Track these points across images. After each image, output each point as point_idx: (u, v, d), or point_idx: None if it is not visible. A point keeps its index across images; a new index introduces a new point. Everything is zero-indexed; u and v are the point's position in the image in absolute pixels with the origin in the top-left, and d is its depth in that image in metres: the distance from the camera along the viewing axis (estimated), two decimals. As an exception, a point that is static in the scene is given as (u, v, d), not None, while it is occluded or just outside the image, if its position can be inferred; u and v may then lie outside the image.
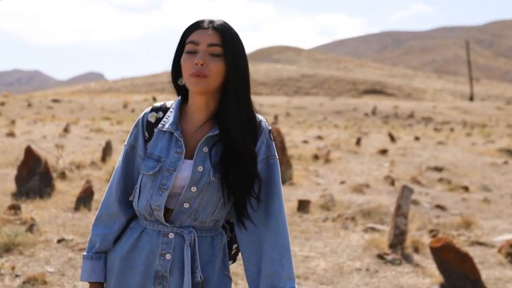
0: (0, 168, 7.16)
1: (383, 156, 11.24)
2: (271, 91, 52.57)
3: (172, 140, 1.61)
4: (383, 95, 52.45)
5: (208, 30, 1.57)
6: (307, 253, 4.96)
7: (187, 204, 1.59)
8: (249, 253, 1.62)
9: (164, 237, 1.60)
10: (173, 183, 1.58)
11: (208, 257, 1.62)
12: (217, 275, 1.64)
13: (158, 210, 1.58)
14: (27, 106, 23.29)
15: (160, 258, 1.59)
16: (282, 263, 1.59)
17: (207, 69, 1.55)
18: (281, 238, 1.60)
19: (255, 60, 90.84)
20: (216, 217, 1.63)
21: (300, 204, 6.28)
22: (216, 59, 1.56)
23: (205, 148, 1.60)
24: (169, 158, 1.59)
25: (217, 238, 1.65)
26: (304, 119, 27.97)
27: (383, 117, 30.69)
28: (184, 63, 1.58)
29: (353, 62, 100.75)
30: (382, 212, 6.56)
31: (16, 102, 25.12)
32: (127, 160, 1.69)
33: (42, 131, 11.69)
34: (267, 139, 1.64)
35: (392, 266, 4.78)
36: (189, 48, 1.57)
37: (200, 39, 1.56)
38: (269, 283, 1.58)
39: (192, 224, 1.61)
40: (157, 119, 1.66)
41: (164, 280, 1.59)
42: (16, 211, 5.28)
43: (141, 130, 1.67)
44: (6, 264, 4.13)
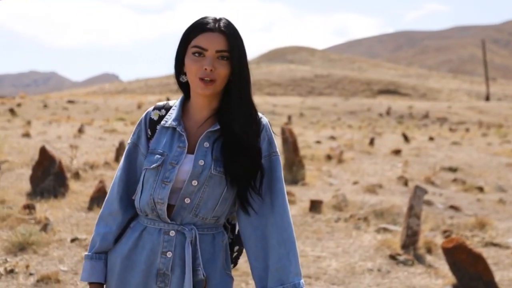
0: (16, 168, 7.25)
1: (397, 157, 11.17)
2: (285, 92, 52.51)
3: (175, 135, 1.64)
4: (397, 95, 52.09)
5: (215, 33, 1.59)
6: (319, 253, 4.95)
7: (188, 199, 1.60)
8: (255, 250, 1.63)
9: (165, 235, 1.61)
10: (176, 176, 1.59)
11: (209, 255, 1.63)
12: (219, 274, 1.64)
13: (161, 204, 1.60)
14: (43, 107, 23.52)
15: (162, 256, 1.60)
16: (289, 258, 1.60)
17: (215, 73, 1.58)
18: (287, 234, 1.62)
19: (269, 61, 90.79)
20: (217, 213, 1.64)
21: (312, 204, 6.27)
22: (223, 62, 1.59)
23: (206, 143, 1.62)
24: (172, 152, 1.62)
25: (218, 237, 1.66)
26: (317, 119, 27.89)
27: (397, 117, 30.48)
28: (191, 65, 1.59)
29: (367, 62, 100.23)
30: (395, 213, 6.52)
31: (32, 103, 25.39)
32: (129, 158, 1.71)
33: (57, 132, 11.82)
34: (269, 136, 1.67)
35: (404, 266, 4.76)
36: (196, 51, 1.59)
37: (208, 45, 1.58)
38: (278, 278, 1.59)
39: (193, 221, 1.62)
40: (159, 117, 1.69)
41: (166, 278, 1.60)
42: (30, 210, 5.34)
43: (144, 128, 1.70)
44: (21, 263, 4.18)
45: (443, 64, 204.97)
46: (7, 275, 4.00)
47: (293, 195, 6.82)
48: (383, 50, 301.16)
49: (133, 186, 1.70)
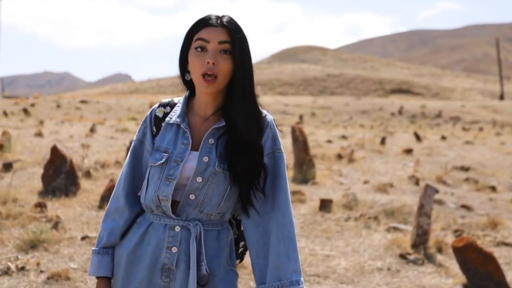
0: (28, 167, 7.32)
1: (408, 156, 11.10)
2: (297, 91, 52.42)
3: (179, 132, 1.65)
4: (410, 95, 51.78)
5: (217, 27, 1.60)
6: (328, 252, 4.94)
7: (193, 196, 1.61)
8: (257, 247, 1.63)
9: (170, 230, 1.62)
10: (180, 173, 1.60)
11: (214, 251, 1.64)
12: (223, 270, 1.65)
13: (165, 201, 1.61)
14: (56, 107, 23.72)
15: (167, 252, 1.61)
16: (288, 255, 1.59)
17: (217, 68, 1.58)
18: (287, 230, 1.61)
19: (281, 60, 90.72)
20: (222, 210, 1.64)
21: (322, 203, 6.25)
22: (226, 57, 1.59)
23: (211, 140, 1.63)
24: (176, 149, 1.63)
25: (223, 233, 1.67)
26: (329, 119, 27.81)
27: (409, 116, 30.29)
28: (193, 60, 1.60)
29: (379, 62, 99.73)
30: (405, 212, 6.48)
31: (46, 103, 25.62)
32: (135, 155, 1.72)
33: (69, 131, 11.91)
34: (273, 133, 1.67)
35: (414, 266, 4.73)
36: (199, 45, 1.59)
37: (210, 37, 1.58)
38: (275, 276, 1.58)
39: (198, 217, 1.62)
40: (164, 114, 1.70)
41: (170, 273, 1.61)
42: (42, 209, 5.39)
43: (149, 125, 1.71)
44: (32, 260, 4.22)
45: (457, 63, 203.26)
46: (18, 272, 4.04)
47: (303, 194, 6.80)
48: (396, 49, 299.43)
49: (139, 183, 1.71)
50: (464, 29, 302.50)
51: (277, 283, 1.58)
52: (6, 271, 4.03)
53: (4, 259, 4.23)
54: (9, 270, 4.05)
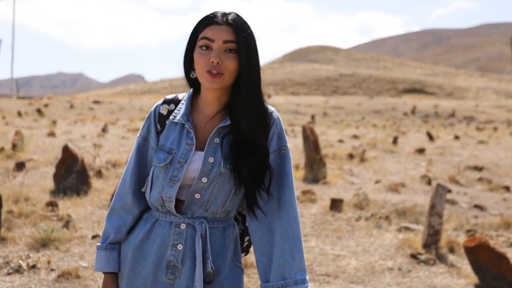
0: (40, 167, 7.37)
1: (421, 156, 11.01)
2: (309, 91, 52.31)
3: (183, 132, 1.62)
4: (423, 94, 51.42)
5: (223, 26, 1.56)
6: (339, 251, 4.91)
7: (198, 195, 1.59)
8: (261, 244, 1.61)
9: (176, 227, 1.61)
10: (184, 174, 1.59)
11: (219, 248, 1.63)
12: (229, 266, 1.64)
13: (169, 202, 1.60)
14: (69, 108, 23.91)
15: (172, 249, 1.60)
16: (292, 254, 1.58)
17: (223, 66, 1.55)
18: (292, 229, 1.59)
19: (293, 60, 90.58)
20: (228, 208, 1.63)
21: (332, 202, 6.21)
22: (231, 56, 1.55)
23: (217, 139, 1.60)
24: (180, 150, 1.60)
25: (228, 229, 1.66)
26: (341, 118, 27.72)
27: (422, 116, 30.09)
28: (198, 59, 1.57)
29: (392, 61, 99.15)
30: (417, 212, 6.43)
31: (59, 103, 25.84)
32: (140, 152, 1.71)
33: (82, 131, 11.99)
34: (279, 130, 1.64)
35: (426, 266, 4.68)
36: (203, 43, 1.56)
37: (215, 36, 1.55)
38: (280, 274, 1.57)
39: (203, 215, 1.61)
40: (168, 111, 1.68)
41: (176, 270, 1.60)
42: (53, 207, 5.43)
43: (153, 122, 1.69)
44: (42, 259, 4.25)
45: (471, 63, 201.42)
46: (29, 270, 4.06)
47: (313, 193, 6.77)
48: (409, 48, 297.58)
49: (144, 180, 1.70)
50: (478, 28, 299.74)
51: (282, 282, 1.56)
52: (18, 269, 4.06)
53: (15, 257, 4.26)
54: (20, 268, 4.07)
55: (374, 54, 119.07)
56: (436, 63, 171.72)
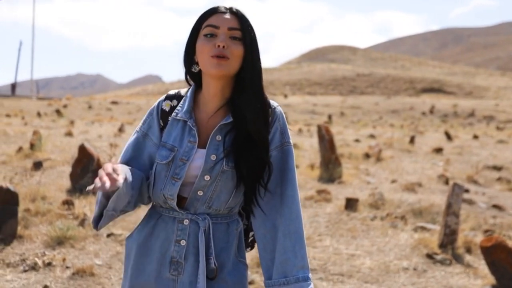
0: (57, 166, 7.45)
1: (438, 155, 10.88)
2: (326, 91, 52.11)
3: (185, 129, 1.61)
4: (442, 94, 50.89)
5: (227, 13, 1.56)
6: (353, 251, 4.87)
7: (201, 192, 1.58)
8: (265, 241, 1.60)
9: (179, 223, 1.60)
10: (187, 172, 1.57)
11: (223, 244, 1.61)
12: (232, 262, 1.63)
13: (171, 199, 1.59)
14: (88, 108, 24.15)
15: (175, 245, 1.60)
16: (294, 251, 1.56)
17: (228, 51, 1.53)
18: (294, 226, 1.58)
19: (310, 60, 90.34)
20: (231, 205, 1.62)
21: (348, 202, 6.17)
22: (236, 42, 1.54)
23: (219, 137, 1.58)
24: (182, 148, 1.59)
25: (232, 225, 1.64)
26: (358, 118, 27.55)
27: (441, 116, 29.77)
28: (202, 46, 1.55)
29: (410, 61, 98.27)
30: (434, 212, 6.35)
31: (78, 104, 26.13)
32: (137, 147, 1.67)
33: (99, 131, 12.09)
34: (282, 126, 1.63)
35: (442, 266, 4.62)
36: (208, 31, 1.55)
37: (220, 23, 1.54)
38: (281, 272, 1.55)
39: (206, 211, 1.60)
40: (171, 108, 1.66)
41: (179, 266, 1.59)
42: (69, 206, 5.48)
43: (156, 118, 1.67)
44: (58, 256, 4.29)
45: (491, 62, 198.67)
46: (45, 267, 4.11)
47: (328, 193, 6.73)
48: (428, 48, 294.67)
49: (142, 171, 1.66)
50: (498, 26, 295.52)
51: (283, 279, 1.54)
52: (34, 266, 4.11)
53: (31, 254, 4.31)
54: (36, 265, 4.12)
55: (392, 54, 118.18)
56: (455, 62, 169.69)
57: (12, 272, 4.04)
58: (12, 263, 4.17)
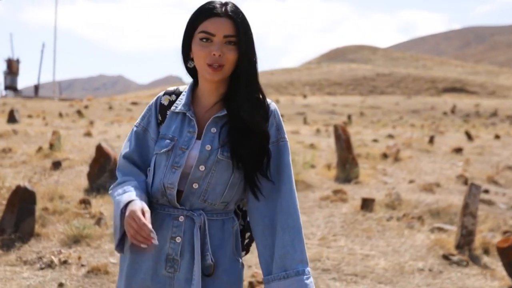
0: (76, 166, 7.55)
1: (458, 155, 10.74)
2: (346, 91, 51.83)
3: (185, 121, 1.64)
4: (464, 93, 50.19)
5: (222, 18, 1.57)
6: (368, 251, 4.83)
7: (196, 185, 1.59)
8: (263, 238, 1.60)
9: (174, 220, 1.61)
10: (186, 161, 1.59)
11: (219, 241, 1.62)
12: (229, 260, 1.63)
13: (171, 189, 1.60)
14: (108, 109, 24.42)
15: (171, 242, 1.60)
16: (293, 245, 1.56)
17: (224, 58, 1.56)
18: (292, 220, 1.58)
19: (330, 60, 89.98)
20: (226, 199, 1.63)
21: (363, 202, 6.12)
22: (231, 47, 1.57)
23: (213, 129, 1.61)
24: (182, 137, 1.62)
25: (228, 223, 1.65)
26: (378, 118, 27.34)
27: (463, 115, 29.36)
28: (198, 51, 1.58)
29: (432, 60, 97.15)
30: (452, 212, 6.27)
31: (99, 105, 26.44)
32: (139, 143, 1.70)
33: (117, 131, 12.21)
34: (277, 122, 1.65)
35: (458, 267, 4.56)
36: (203, 36, 1.58)
37: (216, 30, 1.56)
38: (281, 266, 1.55)
39: (201, 206, 1.61)
40: (170, 102, 1.69)
41: (175, 263, 1.60)
42: (86, 205, 5.55)
43: (154, 113, 1.70)
44: (74, 254, 4.35)
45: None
46: (60, 265, 4.17)
47: (344, 193, 6.69)
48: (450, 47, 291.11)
49: (140, 164, 1.69)
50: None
51: (283, 273, 1.55)
52: (50, 264, 4.17)
53: (48, 252, 4.38)
54: (52, 263, 4.18)
55: (413, 53, 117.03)
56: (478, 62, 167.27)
57: (29, 269, 4.11)
58: (29, 260, 4.24)
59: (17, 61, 50.35)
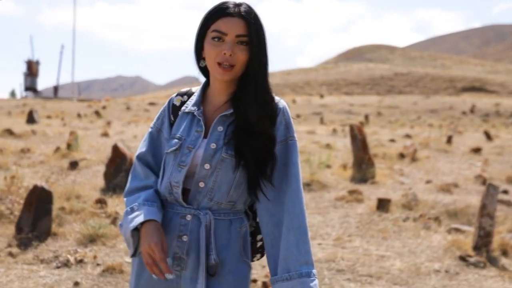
0: (92, 166, 7.62)
1: (476, 155, 10.59)
2: (363, 91, 51.52)
3: (193, 120, 1.66)
4: (483, 93, 49.54)
5: (235, 18, 1.57)
6: (383, 252, 4.79)
7: (202, 183, 1.60)
8: (272, 238, 1.59)
9: (181, 219, 1.62)
10: (191, 160, 1.60)
11: (225, 241, 1.62)
12: (235, 260, 1.62)
13: (176, 187, 1.61)
14: (126, 109, 24.61)
15: (178, 240, 1.61)
16: (298, 246, 1.54)
17: (235, 58, 1.57)
18: (298, 220, 1.57)
19: (347, 60, 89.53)
20: (233, 198, 1.62)
21: (379, 202, 6.07)
22: (242, 47, 1.57)
23: (220, 128, 1.62)
24: (189, 137, 1.63)
25: (235, 223, 1.64)
26: (396, 118, 27.12)
27: (482, 115, 28.95)
28: (210, 50, 1.59)
29: (451, 59, 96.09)
30: (470, 213, 6.18)
31: (117, 105, 26.66)
32: (154, 143, 1.73)
33: (134, 132, 12.29)
34: (286, 120, 1.63)
35: (475, 269, 4.49)
36: (216, 35, 1.58)
37: (228, 29, 1.56)
38: (285, 267, 1.54)
39: (208, 205, 1.61)
40: (181, 103, 1.72)
41: (181, 262, 1.60)
42: (102, 205, 5.59)
43: (167, 113, 1.73)
44: (89, 254, 4.38)
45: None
46: (76, 264, 4.21)
47: (360, 193, 6.65)
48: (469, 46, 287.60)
49: (153, 166, 1.72)
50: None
51: (286, 275, 1.53)
52: (66, 263, 4.21)
53: (64, 251, 4.42)
54: (68, 262, 4.23)
55: (431, 52, 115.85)
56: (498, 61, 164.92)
57: (45, 268, 4.15)
58: (46, 259, 4.29)
59: (37, 63, 51.06)
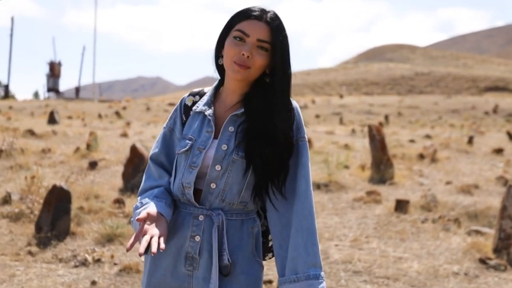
0: (111, 166, 7.69)
1: (498, 156, 10.42)
2: (383, 91, 51.11)
3: (204, 121, 1.65)
4: (507, 92, 48.75)
5: (260, 22, 1.57)
6: (401, 254, 4.74)
7: (213, 185, 1.60)
8: (281, 238, 1.58)
9: (194, 219, 1.62)
10: (202, 161, 1.60)
11: (237, 241, 1.61)
12: (248, 260, 1.62)
13: (188, 188, 1.61)
14: (146, 110, 24.81)
15: (190, 240, 1.61)
16: (306, 248, 1.53)
17: (252, 61, 1.56)
18: (306, 222, 1.56)
19: (367, 60, 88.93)
20: (244, 199, 1.62)
21: (398, 204, 6.01)
22: (262, 52, 1.56)
23: (231, 128, 1.61)
24: (200, 137, 1.63)
25: (247, 223, 1.64)
26: (416, 118, 26.84)
27: (505, 115, 28.48)
28: (229, 48, 1.58)
29: (473, 58, 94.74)
30: (491, 215, 6.08)
31: (137, 106, 26.90)
32: (167, 143, 1.73)
33: (153, 132, 12.39)
34: (297, 121, 1.63)
35: (495, 271, 4.42)
36: (238, 35, 1.57)
37: (251, 31, 1.56)
38: (293, 268, 1.53)
39: (220, 206, 1.61)
40: (193, 102, 1.71)
41: (194, 262, 1.61)
42: (120, 205, 5.64)
43: (179, 113, 1.72)
44: (107, 253, 4.42)
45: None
46: (94, 263, 4.25)
47: (378, 194, 6.59)
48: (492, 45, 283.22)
49: (166, 166, 1.73)
50: None
51: (294, 276, 1.52)
52: (84, 262, 4.26)
53: (82, 251, 4.47)
54: (86, 261, 4.27)
55: (453, 52, 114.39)
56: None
57: (63, 267, 4.20)
58: (64, 258, 4.34)
59: (59, 64, 51.79)
